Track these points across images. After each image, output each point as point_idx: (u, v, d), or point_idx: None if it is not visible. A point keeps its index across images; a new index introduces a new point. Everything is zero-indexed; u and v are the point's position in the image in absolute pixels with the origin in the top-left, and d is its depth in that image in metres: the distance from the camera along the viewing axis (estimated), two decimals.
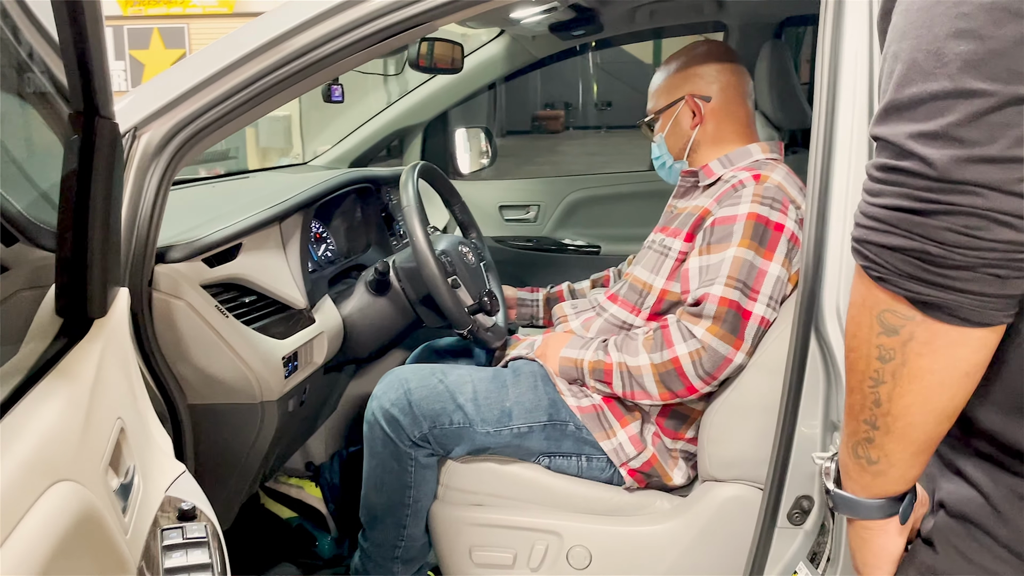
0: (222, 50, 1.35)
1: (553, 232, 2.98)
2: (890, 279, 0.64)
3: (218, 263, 1.48)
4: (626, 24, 2.62)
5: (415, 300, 1.76)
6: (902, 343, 0.66)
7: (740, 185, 1.52)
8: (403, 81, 3.19)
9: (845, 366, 0.74)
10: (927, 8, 0.61)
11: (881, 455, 0.73)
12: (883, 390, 0.69)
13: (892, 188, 0.62)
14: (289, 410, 1.59)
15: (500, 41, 2.74)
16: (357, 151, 2.93)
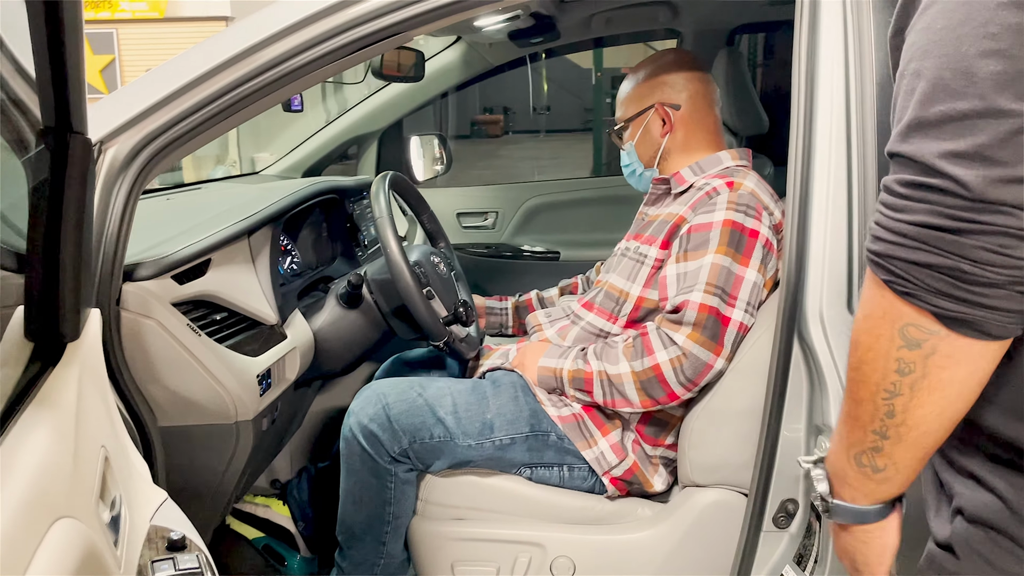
0: (193, 60, 1.31)
1: (512, 239, 2.98)
2: (918, 295, 0.64)
3: (187, 280, 1.43)
4: (583, 31, 2.64)
5: (388, 312, 1.73)
6: (924, 356, 0.67)
7: (714, 192, 1.54)
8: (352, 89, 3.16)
9: (852, 377, 0.73)
10: (953, 28, 0.61)
11: (889, 463, 0.74)
12: (899, 402, 0.70)
13: (921, 205, 0.62)
14: (263, 429, 1.55)
15: (456, 49, 2.73)
16: (311, 160, 2.88)
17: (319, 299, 1.78)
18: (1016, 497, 0.70)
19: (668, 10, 2.53)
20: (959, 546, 0.74)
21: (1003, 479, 0.71)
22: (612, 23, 2.60)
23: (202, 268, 1.47)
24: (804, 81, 1.27)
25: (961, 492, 0.75)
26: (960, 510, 0.75)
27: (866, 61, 1.24)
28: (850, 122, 1.24)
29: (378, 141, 2.94)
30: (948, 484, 0.77)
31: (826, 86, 1.26)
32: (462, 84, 2.91)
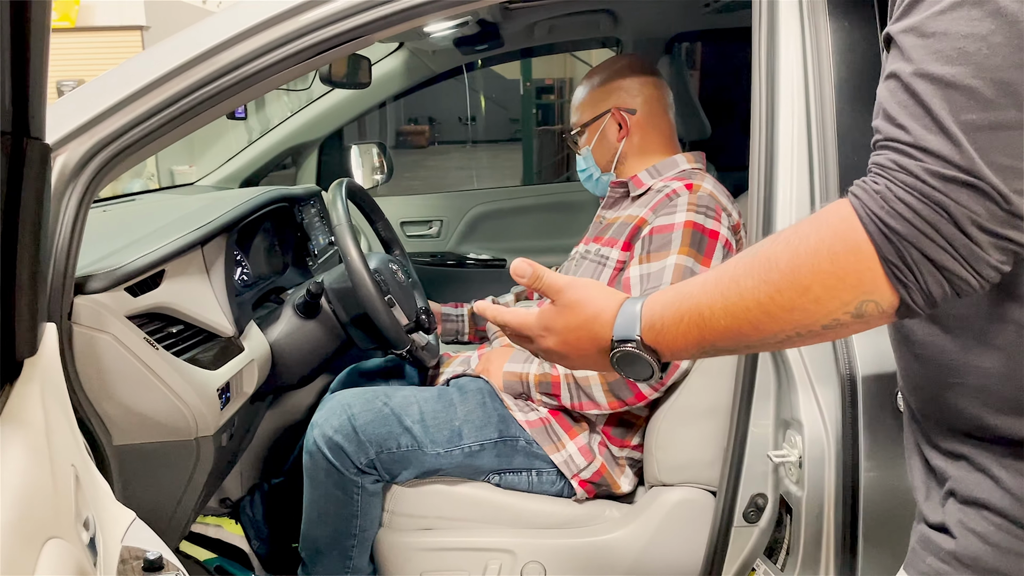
0: (147, 64, 1.27)
1: (457, 247, 2.97)
2: (911, 288, 0.64)
3: (141, 292, 1.37)
4: (526, 39, 2.65)
5: (346, 321, 1.69)
6: (856, 325, 0.67)
7: (674, 194, 1.56)
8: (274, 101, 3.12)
9: (770, 312, 0.69)
10: (982, 37, 0.61)
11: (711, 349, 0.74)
12: (795, 340, 0.70)
13: (961, 209, 0.61)
14: (223, 444, 1.50)
15: (398, 56, 2.71)
16: (248, 170, 2.83)
17: (274, 310, 1.73)
18: (1010, 478, 0.72)
19: (609, 18, 2.56)
20: (954, 527, 0.76)
21: (997, 463, 0.73)
22: (555, 31, 2.63)
23: (156, 280, 1.41)
24: (764, 81, 1.30)
25: (954, 475, 0.76)
26: (952, 492, 0.76)
27: (823, 65, 1.27)
28: (810, 122, 1.28)
29: (318, 150, 2.90)
30: (940, 469, 0.78)
31: (786, 86, 1.29)
32: (403, 92, 2.89)
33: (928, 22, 0.64)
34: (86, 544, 0.83)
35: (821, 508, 1.28)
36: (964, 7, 0.62)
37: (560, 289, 0.81)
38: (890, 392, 1.21)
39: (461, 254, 2.95)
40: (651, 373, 0.78)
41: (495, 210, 2.99)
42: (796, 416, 1.28)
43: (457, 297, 2.15)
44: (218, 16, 1.32)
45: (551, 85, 12.45)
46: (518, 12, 2.40)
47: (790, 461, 1.30)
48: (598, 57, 8.12)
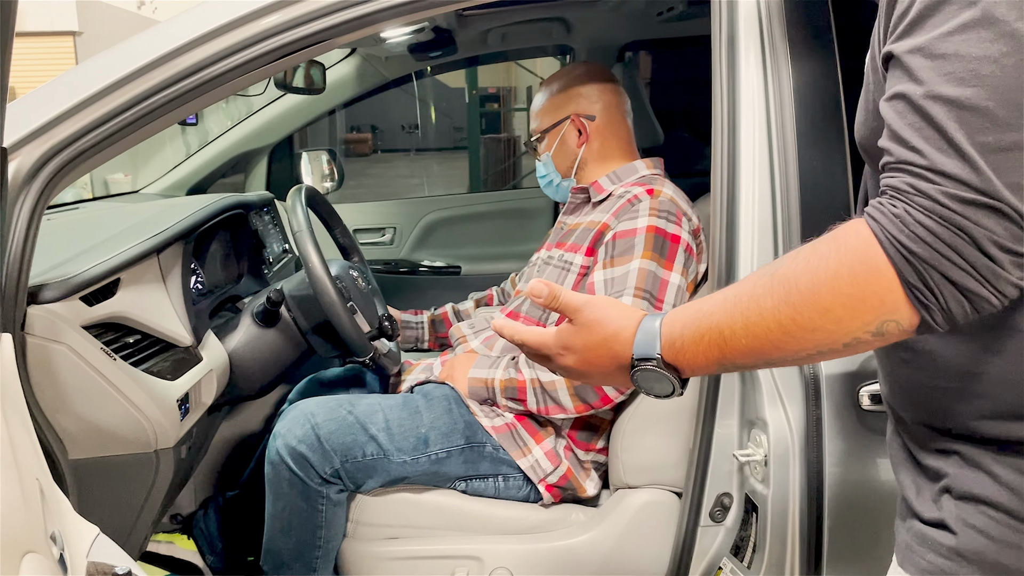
0: (104, 67, 1.23)
1: (411, 254, 2.95)
2: (932, 309, 0.65)
3: (96, 301, 1.33)
4: (479, 46, 2.66)
5: (307, 329, 1.67)
6: (876, 343, 0.68)
7: (636, 200, 1.58)
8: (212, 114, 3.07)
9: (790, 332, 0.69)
10: (994, 59, 0.62)
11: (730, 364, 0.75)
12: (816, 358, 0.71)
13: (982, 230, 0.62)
14: (182, 456, 1.46)
15: (350, 62, 2.69)
16: (195, 177, 2.77)
17: (231, 319, 1.70)
18: (1008, 474, 0.73)
19: (562, 26, 2.58)
20: (954, 523, 0.76)
21: (993, 459, 0.74)
22: (508, 38, 2.64)
23: (111, 288, 1.37)
24: (725, 89, 1.32)
25: (948, 472, 0.77)
26: (948, 489, 0.77)
27: (783, 66, 1.30)
28: (770, 128, 1.31)
29: (268, 157, 2.85)
30: (931, 467, 0.79)
31: (747, 93, 1.32)
32: (355, 98, 2.87)
33: (937, 43, 0.65)
34: (56, 560, 0.80)
35: (786, 505, 1.30)
36: (975, 28, 0.63)
37: (578, 308, 0.82)
38: (853, 389, 1.24)
39: (415, 261, 2.93)
40: (672, 390, 0.79)
41: (448, 217, 2.99)
42: (761, 415, 1.30)
43: (413, 304, 2.13)
44: (178, 19, 1.29)
45: (495, 94, 12.51)
46: (472, 19, 2.41)
47: (755, 460, 1.32)
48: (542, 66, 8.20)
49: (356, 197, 9.47)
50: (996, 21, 0.62)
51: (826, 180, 1.30)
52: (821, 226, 1.28)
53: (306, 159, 2.70)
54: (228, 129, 2.80)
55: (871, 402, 1.24)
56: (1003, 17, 0.62)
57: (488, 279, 2.36)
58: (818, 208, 1.29)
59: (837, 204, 1.29)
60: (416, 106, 15.30)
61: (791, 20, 1.31)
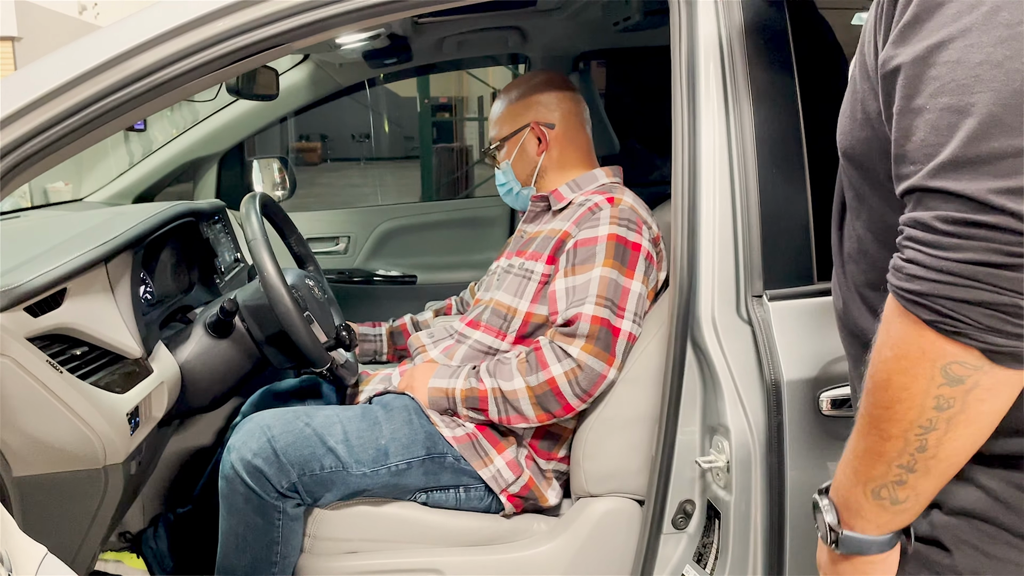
0: (53, 68, 1.19)
1: (365, 263, 2.92)
2: (968, 332, 0.64)
3: (41, 312, 1.28)
4: (435, 53, 2.65)
5: (261, 340, 1.63)
6: (965, 392, 0.66)
7: (597, 208, 1.58)
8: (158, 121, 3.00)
9: (881, 416, 0.71)
10: (997, 64, 0.61)
11: (911, 495, 0.73)
12: (933, 436, 0.68)
13: (975, 243, 0.61)
14: (131, 472, 1.41)
15: (303, 68, 2.65)
16: (142, 185, 2.70)
17: (183, 329, 1.65)
18: (1001, 488, 0.73)
19: (518, 35, 2.59)
20: (947, 539, 0.76)
21: (984, 473, 0.73)
22: (463, 46, 2.63)
23: (57, 299, 1.32)
24: (685, 98, 1.33)
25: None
26: (938, 504, 0.76)
27: (740, 83, 1.31)
28: (730, 138, 1.32)
29: (218, 165, 2.79)
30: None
31: (706, 103, 1.32)
32: (307, 105, 2.83)
33: (938, 51, 0.64)
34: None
35: (749, 511, 1.31)
36: (975, 33, 0.62)
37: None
38: (813, 395, 1.25)
39: (370, 271, 2.90)
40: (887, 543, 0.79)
41: (404, 226, 2.96)
42: (723, 422, 1.31)
43: (369, 315, 2.10)
44: (127, 21, 1.25)
45: (447, 103, 12.49)
46: (428, 27, 2.40)
47: (718, 466, 1.32)
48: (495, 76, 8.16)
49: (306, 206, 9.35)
50: (1000, 25, 0.61)
51: (786, 187, 1.31)
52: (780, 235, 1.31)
53: (258, 167, 2.65)
54: (174, 137, 2.74)
55: (831, 407, 1.26)
56: (1007, 21, 0.61)
57: (445, 288, 2.34)
58: (779, 215, 1.31)
59: (796, 213, 1.31)
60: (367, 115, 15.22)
61: (750, 29, 1.32)
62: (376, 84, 3.18)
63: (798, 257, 1.31)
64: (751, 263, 1.31)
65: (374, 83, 3.11)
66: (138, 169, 2.71)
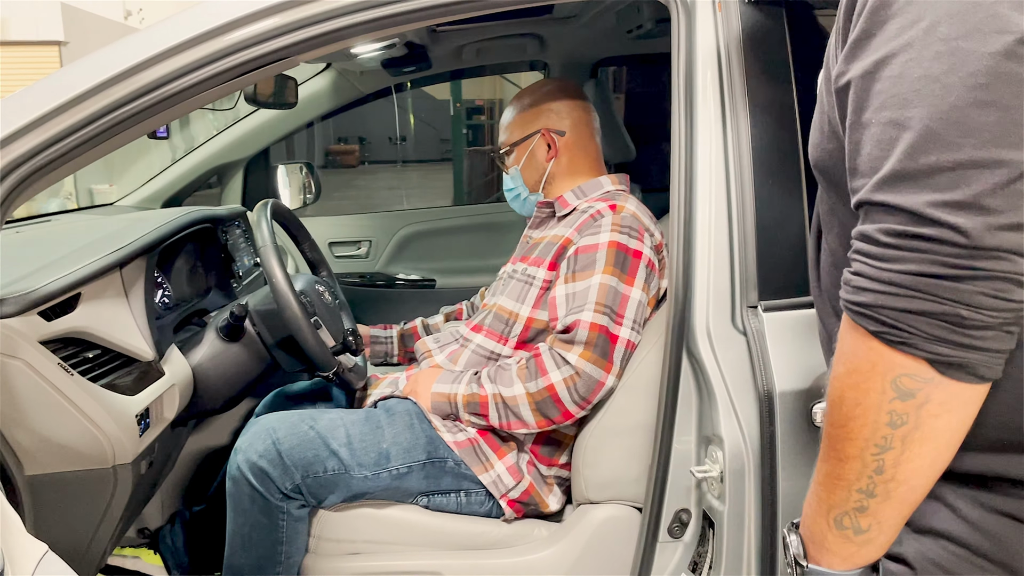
0: (64, 82, 1.24)
1: (386, 267, 2.96)
2: (914, 343, 0.64)
3: (55, 316, 1.33)
4: (454, 61, 2.67)
5: (271, 344, 1.67)
6: (917, 406, 0.66)
7: (599, 215, 1.59)
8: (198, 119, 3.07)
9: (837, 435, 0.71)
10: (935, 78, 0.61)
11: (873, 523, 0.72)
12: (889, 456, 0.68)
13: (914, 255, 0.62)
14: (142, 472, 1.45)
15: (325, 76, 2.70)
16: (171, 190, 2.77)
17: (196, 333, 1.70)
18: (968, 508, 0.72)
19: (536, 42, 2.60)
20: (914, 558, 0.75)
21: (952, 492, 0.73)
22: (482, 54, 2.66)
23: (71, 303, 1.37)
24: (683, 107, 1.34)
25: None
26: (907, 521, 0.75)
27: (737, 95, 1.32)
28: (727, 150, 1.32)
29: (244, 170, 2.85)
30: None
31: (703, 112, 1.33)
32: (331, 112, 2.87)
33: (882, 66, 0.65)
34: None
35: (742, 521, 1.31)
36: (915, 47, 0.63)
37: None
38: (806, 407, 1.25)
39: (390, 275, 2.94)
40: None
41: (424, 230, 2.99)
42: (717, 432, 1.31)
43: (388, 318, 2.14)
44: (140, 34, 1.30)
45: (481, 106, 12.54)
46: (446, 35, 2.42)
47: (712, 476, 1.33)
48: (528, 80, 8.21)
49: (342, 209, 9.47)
50: (938, 40, 0.62)
51: (782, 196, 1.31)
52: (775, 246, 1.31)
53: (283, 172, 2.70)
54: (205, 141, 2.80)
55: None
56: (945, 35, 0.62)
57: (463, 292, 2.37)
58: (775, 224, 1.31)
59: (792, 224, 1.31)
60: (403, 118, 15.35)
61: (748, 39, 1.33)
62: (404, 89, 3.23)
63: (793, 268, 1.31)
64: (746, 273, 1.31)
65: (402, 88, 3.15)
66: (167, 174, 2.78)
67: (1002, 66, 0.60)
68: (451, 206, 3.29)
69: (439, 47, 2.49)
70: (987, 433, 0.70)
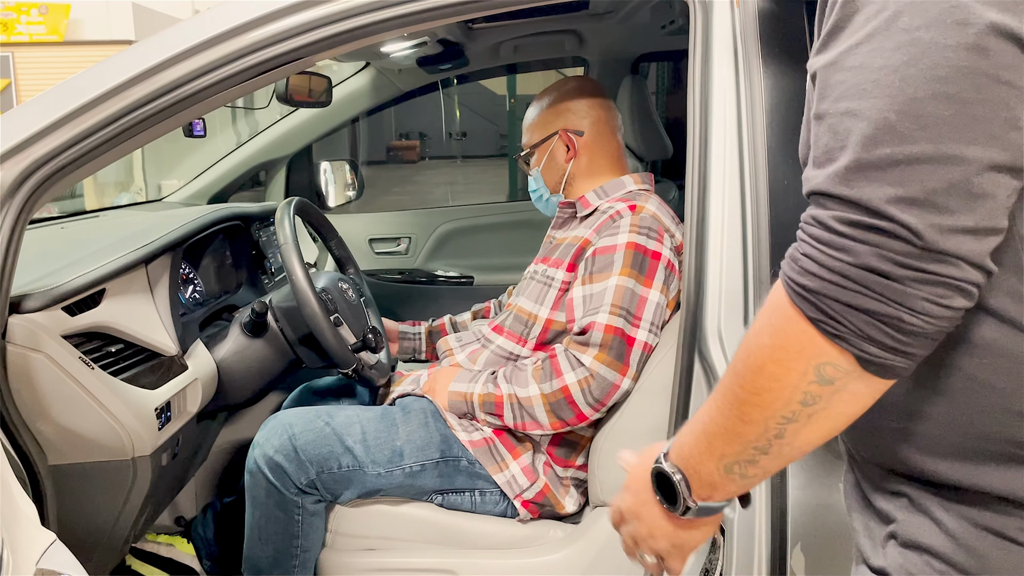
0: (86, 82, 1.27)
1: (425, 264, 2.97)
2: (848, 338, 0.63)
3: (80, 311, 1.38)
4: (491, 58, 2.67)
5: (294, 340, 1.70)
6: (832, 392, 0.66)
7: (618, 216, 1.57)
8: (263, 113, 3.11)
9: (746, 400, 0.71)
10: (895, 68, 0.59)
11: (759, 473, 0.75)
12: (791, 427, 0.69)
13: (867, 248, 0.60)
14: (163, 464, 1.49)
15: (365, 74, 2.72)
16: (217, 186, 2.82)
17: (223, 328, 1.74)
18: (953, 522, 0.70)
19: (575, 39, 2.58)
20: (896, 573, 0.73)
21: (939, 505, 0.71)
22: (520, 51, 2.65)
23: (96, 299, 1.42)
24: (699, 108, 1.31)
25: (896, 517, 0.74)
26: (893, 535, 0.74)
27: (755, 90, 1.29)
28: (742, 148, 1.29)
29: (287, 167, 2.90)
30: (882, 509, 0.76)
31: (719, 112, 1.30)
32: (373, 109, 2.90)
33: (846, 56, 0.63)
34: None
35: (752, 529, 1.28)
36: (878, 38, 0.61)
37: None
38: None
39: (430, 271, 2.95)
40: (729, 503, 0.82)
41: (463, 227, 3.00)
42: None
43: (426, 314, 2.15)
44: (160, 35, 1.33)
45: None
46: (481, 32, 2.42)
47: None
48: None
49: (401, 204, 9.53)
50: (899, 30, 0.60)
51: (797, 198, 1.27)
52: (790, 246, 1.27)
53: (327, 169, 2.74)
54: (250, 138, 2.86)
55: None
56: (906, 26, 0.60)
57: (500, 290, 2.37)
58: (789, 227, 1.27)
59: None
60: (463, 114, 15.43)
61: (765, 37, 1.29)
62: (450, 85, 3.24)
63: None
64: (760, 274, 1.27)
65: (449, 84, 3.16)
66: (213, 171, 2.84)
67: (963, 59, 0.57)
68: (491, 203, 3.28)
69: (475, 44, 2.49)
70: (968, 443, 0.68)
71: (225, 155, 2.84)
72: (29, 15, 8.76)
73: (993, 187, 0.58)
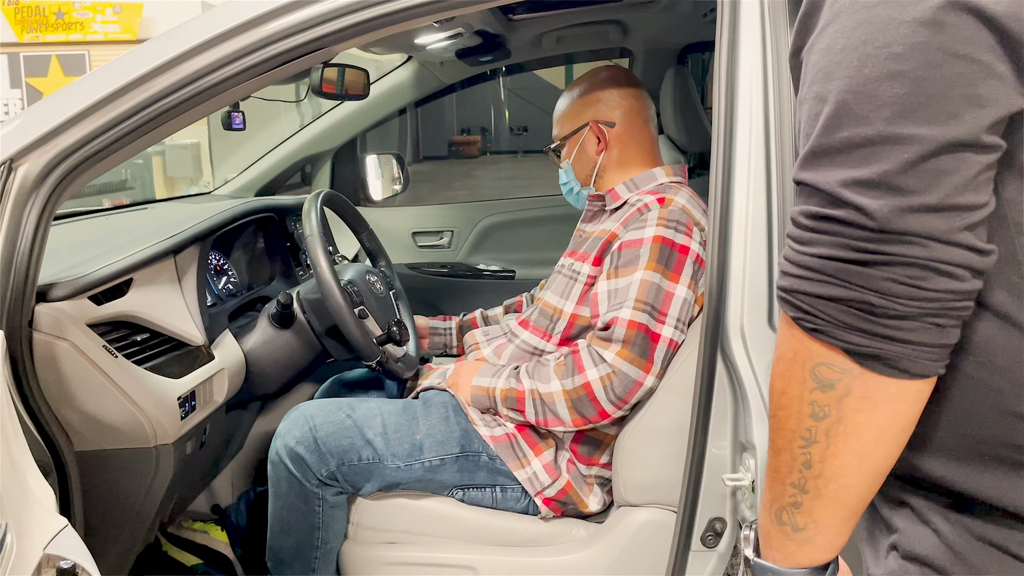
0: (109, 75, 1.29)
1: (467, 258, 2.96)
2: (827, 330, 0.61)
3: (106, 300, 1.40)
4: (533, 50, 2.64)
5: (321, 332, 1.70)
6: (838, 399, 0.63)
7: (645, 208, 1.53)
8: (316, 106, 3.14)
9: (771, 425, 0.69)
10: (854, 48, 0.58)
11: (809, 521, 0.69)
12: (815, 450, 0.65)
13: (826, 237, 0.60)
14: (187, 452, 1.51)
15: (408, 67, 2.72)
16: (264, 179, 2.86)
17: (252, 319, 1.75)
18: (952, 532, 0.67)
19: (618, 29, 2.53)
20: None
21: (940, 514, 0.68)
22: (563, 42, 2.61)
23: (123, 288, 1.44)
24: (724, 100, 1.27)
25: (899, 527, 0.72)
26: (895, 546, 0.72)
27: (783, 80, 1.24)
28: (769, 139, 1.24)
29: (332, 160, 2.92)
30: (886, 518, 0.74)
31: (745, 105, 1.25)
32: (418, 102, 2.90)
33: (818, 38, 0.63)
34: None
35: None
36: (842, 17, 0.60)
37: None
38: None
39: (472, 265, 2.94)
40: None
41: (505, 221, 2.98)
42: (749, 438, 1.23)
43: (468, 308, 2.13)
44: (181, 26, 1.34)
45: None
46: (522, 23, 2.39)
47: (744, 485, 1.25)
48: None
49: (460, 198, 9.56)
50: (860, 7, 0.59)
51: None
52: None
53: (374, 162, 2.75)
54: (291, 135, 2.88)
55: None
56: (867, 2, 0.58)
57: None
58: None
59: None
60: (524, 108, 15.41)
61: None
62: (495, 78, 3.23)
63: None
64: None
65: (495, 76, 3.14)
66: (260, 164, 2.88)
67: (918, 34, 0.55)
68: (533, 197, 3.25)
69: (516, 36, 2.46)
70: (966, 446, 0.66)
71: (270, 149, 2.88)
72: (104, 14, 9.05)
73: (954, 164, 0.56)
